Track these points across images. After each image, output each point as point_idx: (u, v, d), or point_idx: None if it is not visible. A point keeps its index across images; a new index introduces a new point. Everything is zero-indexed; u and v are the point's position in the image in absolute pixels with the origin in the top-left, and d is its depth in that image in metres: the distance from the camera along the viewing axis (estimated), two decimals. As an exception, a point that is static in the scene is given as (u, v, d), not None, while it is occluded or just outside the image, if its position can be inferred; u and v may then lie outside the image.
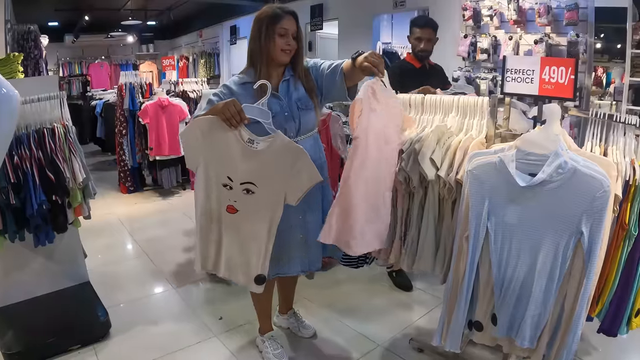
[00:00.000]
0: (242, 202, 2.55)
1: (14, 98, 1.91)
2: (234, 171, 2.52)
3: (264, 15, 2.68)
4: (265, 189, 2.51)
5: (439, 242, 2.77)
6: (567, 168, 1.98)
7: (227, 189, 2.55)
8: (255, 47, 2.70)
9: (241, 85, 2.70)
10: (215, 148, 2.51)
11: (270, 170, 2.48)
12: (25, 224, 3.25)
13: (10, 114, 1.90)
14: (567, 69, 2.57)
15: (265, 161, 2.47)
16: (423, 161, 2.55)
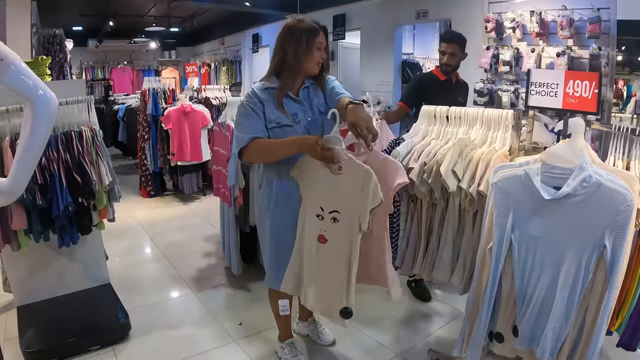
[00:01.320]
0: (330, 231, 2.58)
1: (51, 101, 1.94)
2: (325, 199, 2.58)
3: (302, 27, 2.69)
4: (346, 216, 2.54)
5: (458, 252, 2.79)
6: (592, 182, 1.99)
7: (319, 219, 2.60)
8: (290, 56, 2.70)
9: (264, 91, 2.74)
10: (314, 179, 2.59)
11: (348, 195, 2.51)
12: (50, 225, 3.30)
13: (48, 117, 1.93)
14: (591, 83, 2.59)
15: (343, 186, 2.50)
16: (445, 173, 2.57)
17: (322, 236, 2.60)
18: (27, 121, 1.89)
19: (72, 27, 12.65)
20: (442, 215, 2.79)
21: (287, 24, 2.77)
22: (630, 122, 5.17)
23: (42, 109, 1.89)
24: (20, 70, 1.85)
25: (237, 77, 12.70)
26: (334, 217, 2.55)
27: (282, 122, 2.70)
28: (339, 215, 2.54)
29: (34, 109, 1.87)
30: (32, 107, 1.87)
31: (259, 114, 2.68)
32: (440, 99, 3.90)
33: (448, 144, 2.77)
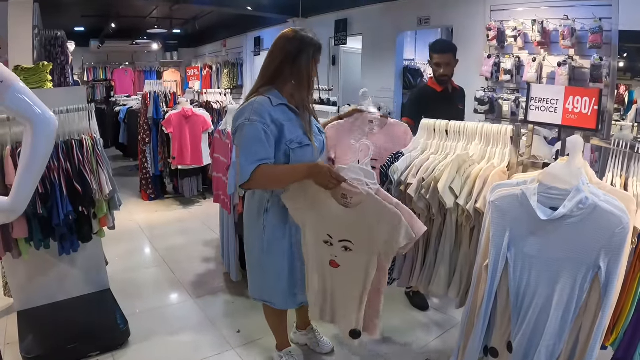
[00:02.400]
0: (342, 258, 2.61)
1: (51, 121, 1.96)
2: (332, 229, 2.59)
3: (309, 41, 2.66)
4: (361, 248, 2.55)
5: (455, 267, 2.81)
6: (588, 204, 2.00)
7: (328, 245, 2.62)
8: (299, 69, 2.64)
9: (277, 108, 2.61)
10: (314, 208, 2.58)
11: (364, 231, 2.52)
12: (51, 233, 3.32)
13: (48, 137, 1.95)
14: (591, 99, 2.60)
15: (357, 218, 2.51)
16: (443, 190, 2.58)
17: (333, 261, 2.64)
18: (28, 141, 1.91)
19: (74, 27, 12.64)
20: (439, 230, 2.81)
21: (285, 35, 2.70)
22: (630, 130, 5.18)
23: (42, 130, 1.90)
24: (21, 91, 1.87)
25: (238, 79, 12.70)
26: (345, 246, 2.58)
27: (304, 142, 2.65)
28: (351, 245, 2.57)
29: (34, 129, 1.89)
30: (33, 128, 1.89)
31: (270, 137, 2.54)
32: (441, 110, 3.94)
33: (447, 159, 2.78)
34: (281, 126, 2.57)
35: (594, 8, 5.25)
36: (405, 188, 2.76)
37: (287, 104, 2.66)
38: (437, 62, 4.26)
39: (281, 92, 2.68)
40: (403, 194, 2.81)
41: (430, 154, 2.91)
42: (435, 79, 4.35)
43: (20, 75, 3.87)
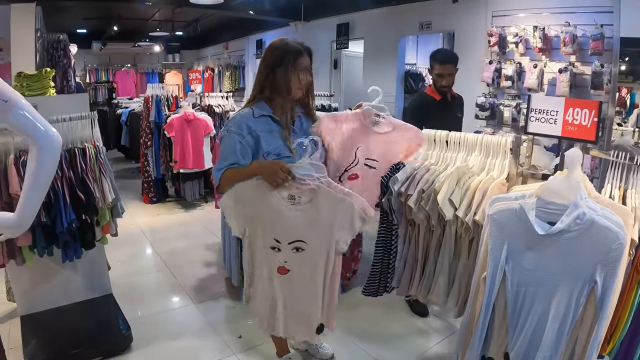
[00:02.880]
0: (292, 262, 2.61)
1: (55, 139, 1.98)
2: (280, 232, 2.58)
3: (286, 48, 2.69)
4: (315, 243, 2.57)
5: (454, 277, 2.83)
6: (585, 219, 2.03)
7: (276, 251, 2.61)
8: (274, 78, 2.69)
9: (258, 120, 2.68)
10: (258, 212, 2.57)
11: (318, 225, 2.54)
12: (54, 240, 3.34)
13: (53, 155, 1.98)
14: (591, 111, 2.62)
15: (311, 216, 2.53)
16: (442, 202, 2.61)
17: (282, 268, 2.63)
18: (33, 159, 1.94)
19: (76, 29, 12.65)
20: (438, 241, 2.83)
21: (271, 45, 2.77)
22: (631, 136, 5.19)
23: (46, 148, 1.93)
24: (25, 109, 1.89)
25: (240, 82, 12.71)
26: (296, 247, 2.59)
27: (283, 154, 2.70)
28: (304, 244, 2.58)
29: (38, 147, 1.92)
30: (37, 146, 1.92)
31: (246, 147, 2.63)
32: (440, 118, 3.97)
33: (447, 170, 2.80)
34: (257, 137, 2.64)
35: (595, 14, 5.26)
36: (405, 199, 2.78)
37: (272, 115, 2.71)
38: (440, 72, 4.27)
39: (269, 103, 2.74)
40: (403, 205, 2.83)
41: (431, 164, 2.93)
42: (435, 89, 4.37)
43: (23, 81, 3.90)
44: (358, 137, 3.00)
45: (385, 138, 3.01)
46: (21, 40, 7.00)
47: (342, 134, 2.99)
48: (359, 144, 3.00)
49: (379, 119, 3.01)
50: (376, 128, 3.01)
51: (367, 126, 3.01)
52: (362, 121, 3.01)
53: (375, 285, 3.11)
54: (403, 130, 3.02)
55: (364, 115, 3.00)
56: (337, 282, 2.69)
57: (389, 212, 2.89)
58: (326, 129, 2.97)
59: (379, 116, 3.01)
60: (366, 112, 3.00)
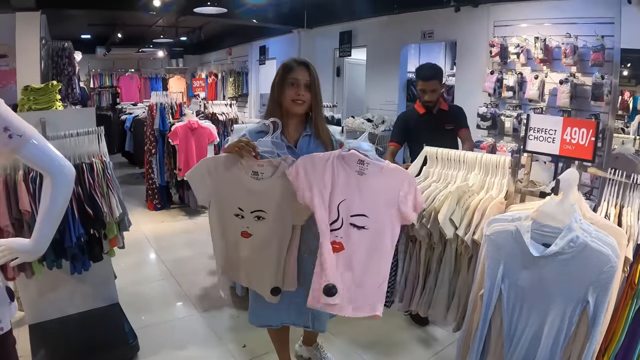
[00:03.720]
0: (254, 227, 2.70)
1: (68, 171, 2.02)
2: (243, 202, 2.68)
3: (281, 65, 2.77)
4: (274, 214, 2.66)
5: (453, 293, 2.90)
6: (579, 242, 2.10)
7: (239, 217, 2.70)
8: (270, 97, 2.80)
9: (256, 135, 2.74)
10: (223, 184, 2.67)
11: (277, 197, 2.64)
12: (63, 254, 3.39)
13: (67, 186, 2.03)
14: (588, 130, 2.68)
15: (271, 190, 2.63)
16: (443, 221, 2.67)
17: (245, 232, 2.72)
18: (47, 190, 2.00)
19: (80, 35, 12.74)
20: (439, 257, 2.90)
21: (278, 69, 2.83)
22: (632, 144, 5.22)
23: (61, 181, 2.00)
24: (39, 144, 1.95)
25: (243, 88, 12.78)
26: (257, 216, 2.68)
27: None
28: (264, 214, 2.67)
29: (53, 181, 1.98)
30: (52, 180, 1.98)
31: None
32: (424, 132, 4.06)
33: (447, 187, 2.87)
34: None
35: (596, 25, 5.32)
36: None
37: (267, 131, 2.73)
38: (422, 88, 4.35)
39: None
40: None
41: (432, 181, 2.99)
42: (420, 103, 4.45)
43: (30, 95, 3.96)
44: (340, 188, 2.50)
45: (373, 186, 2.51)
46: (26, 48, 7.07)
47: (323, 184, 2.50)
48: (341, 197, 2.50)
49: (363, 167, 2.49)
50: (361, 175, 2.50)
51: (351, 173, 2.50)
52: (344, 168, 2.52)
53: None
54: (393, 171, 2.54)
55: (346, 162, 2.51)
56: (294, 256, 2.75)
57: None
58: (303, 179, 2.51)
59: (363, 162, 2.49)
60: (348, 157, 2.50)
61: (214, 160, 2.69)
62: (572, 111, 5.52)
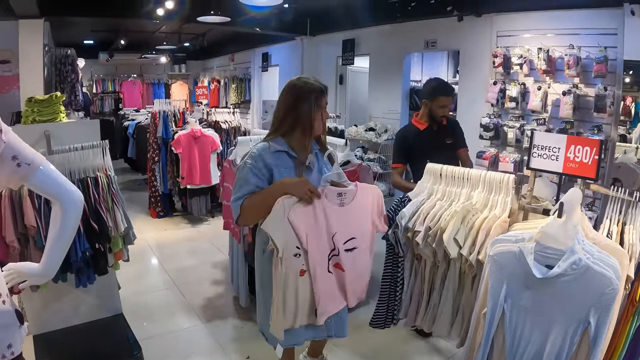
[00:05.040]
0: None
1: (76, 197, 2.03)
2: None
3: (310, 88, 2.77)
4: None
5: (457, 310, 2.92)
6: (581, 265, 2.13)
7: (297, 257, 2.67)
8: (298, 116, 2.76)
9: (274, 155, 2.73)
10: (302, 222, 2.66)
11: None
12: (68, 267, 3.41)
13: (75, 212, 2.05)
14: (592, 149, 2.69)
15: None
16: (447, 241, 2.69)
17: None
18: (57, 217, 2.02)
19: (83, 40, 12.76)
20: (444, 275, 2.91)
21: (291, 84, 2.83)
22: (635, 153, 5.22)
23: (70, 208, 2.01)
24: (47, 172, 1.96)
25: (246, 94, 12.77)
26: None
27: None
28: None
29: (63, 208, 2.00)
30: (61, 206, 2.00)
31: (260, 179, 2.69)
32: (425, 148, 4.07)
33: (452, 206, 2.87)
34: (271, 171, 2.70)
35: (599, 37, 5.31)
36: (412, 235, 2.86)
37: (288, 150, 2.76)
38: (444, 104, 4.29)
39: (288, 138, 2.80)
40: (410, 240, 2.91)
41: (437, 199, 3.00)
42: (432, 118, 4.36)
43: (34, 106, 3.97)
44: (330, 222, 2.68)
45: (354, 208, 2.76)
46: (29, 55, 7.07)
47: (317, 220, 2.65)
48: (334, 231, 2.70)
49: (342, 198, 2.71)
50: (343, 206, 2.72)
51: (336, 208, 2.69)
52: (328, 205, 2.67)
53: (383, 317, 3.19)
54: (364, 190, 2.81)
55: (329, 199, 2.67)
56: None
57: (395, 244, 2.96)
58: (299, 219, 2.61)
59: (342, 195, 2.71)
60: (330, 194, 2.68)
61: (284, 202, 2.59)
62: (575, 122, 5.53)
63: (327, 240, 2.68)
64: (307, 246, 2.60)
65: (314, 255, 2.64)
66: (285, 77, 10.65)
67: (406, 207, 2.94)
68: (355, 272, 2.82)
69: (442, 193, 3.04)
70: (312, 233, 2.62)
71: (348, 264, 2.75)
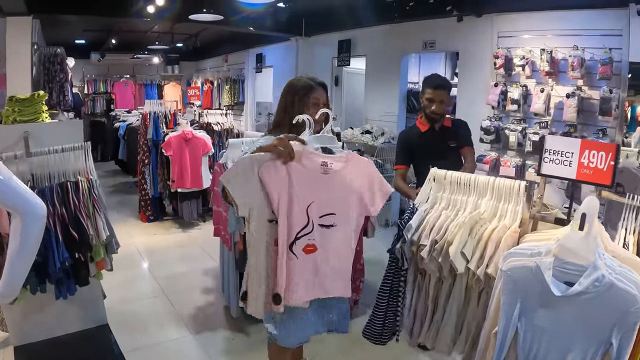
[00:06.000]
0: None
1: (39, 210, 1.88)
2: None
3: (298, 85, 2.79)
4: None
5: (461, 327, 2.72)
6: (604, 282, 1.94)
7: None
8: (283, 112, 2.82)
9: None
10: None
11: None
12: (47, 277, 3.25)
13: (38, 226, 1.89)
14: (607, 154, 2.51)
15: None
16: (454, 255, 2.50)
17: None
18: (17, 230, 1.85)
19: (75, 40, 12.64)
20: (449, 290, 2.72)
21: (288, 84, 2.88)
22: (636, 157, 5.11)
23: (32, 221, 1.85)
24: (8, 183, 1.80)
25: (239, 96, 12.63)
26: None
27: None
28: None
29: (23, 220, 1.82)
30: (22, 218, 1.82)
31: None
32: (426, 150, 3.95)
33: (458, 216, 2.69)
34: None
35: (603, 38, 5.21)
36: (417, 249, 2.68)
37: None
38: (430, 97, 4.06)
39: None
40: (415, 254, 2.72)
41: (442, 209, 2.81)
42: (425, 116, 4.18)
43: (14, 106, 3.82)
44: (306, 188, 2.37)
45: (338, 179, 2.45)
46: (17, 53, 6.99)
47: (291, 184, 2.35)
48: (310, 200, 2.39)
49: (327, 167, 2.41)
50: (325, 169, 2.42)
51: (316, 175, 2.40)
52: (307, 170, 2.38)
53: (379, 328, 2.99)
54: (358, 161, 2.54)
55: (310, 163, 2.38)
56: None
57: (400, 258, 2.77)
58: (270, 177, 2.31)
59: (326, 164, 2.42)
60: (310, 155, 2.40)
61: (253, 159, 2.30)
62: (579, 126, 5.41)
63: (299, 211, 2.36)
64: (278, 211, 2.31)
65: (283, 226, 2.33)
66: (279, 78, 10.59)
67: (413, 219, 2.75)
68: (331, 254, 2.49)
69: (447, 201, 2.84)
70: (284, 196, 2.32)
71: (322, 242, 2.44)
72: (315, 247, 2.43)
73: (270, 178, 2.29)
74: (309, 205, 2.39)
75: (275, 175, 2.30)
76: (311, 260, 2.43)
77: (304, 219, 2.38)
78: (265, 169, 2.28)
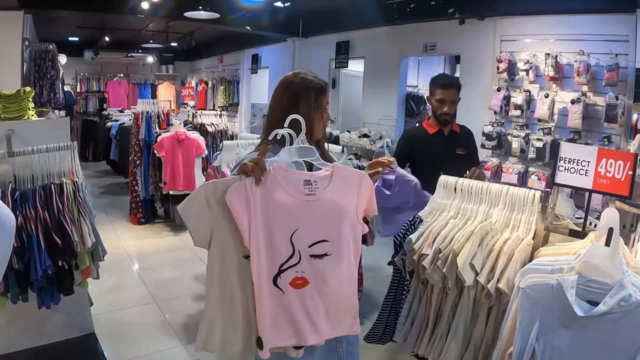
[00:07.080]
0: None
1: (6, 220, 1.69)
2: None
3: (308, 85, 2.36)
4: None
5: (468, 343, 2.56)
6: (631, 301, 1.80)
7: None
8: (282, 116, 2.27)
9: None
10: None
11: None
12: (29, 286, 3.10)
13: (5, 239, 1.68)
14: (625, 163, 2.37)
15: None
16: (462, 266, 2.33)
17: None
18: None
19: (68, 37, 12.50)
20: (454, 302, 2.56)
21: (287, 80, 2.42)
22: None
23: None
24: None
25: (234, 97, 12.51)
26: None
27: None
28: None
29: None
30: None
31: None
32: (431, 155, 3.77)
33: (466, 225, 2.53)
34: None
35: (610, 43, 5.13)
36: (418, 257, 2.51)
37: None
38: (441, 98, 3.85)
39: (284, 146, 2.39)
40: (416, 263, 2.56)
41: (450, 217, 2.65)
42: (435, 118, 3.97)
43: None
44: (287, 214, 2.00)
45: (327, 199, 2.05)
46: (7, 49, 6.91)
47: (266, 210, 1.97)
48: (293, 227, 1.99)
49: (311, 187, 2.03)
50: (310, 189, 2.03)
51: (299, 198, 2.01)
52: (289, 193, 1.99)
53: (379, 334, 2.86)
54: (342, 171, 2.10)
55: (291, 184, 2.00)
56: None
57: (402, 269, 2.62)
58: (239, 204, 1.92)
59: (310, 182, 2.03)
60: (287, 175, 2.00)
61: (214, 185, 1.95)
62: (583, 132, 5.32)
63: (281, 240, 1.97)
64: (249, 242, 1.92)
65: (255, 261, 1.94)
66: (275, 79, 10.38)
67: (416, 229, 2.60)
68: (329, 288, 2.07)
69: (455, 210, 2.69)
70: (260, 224, 1.94)
71: (314, 274, 2.03)
72: (307, 281, 2.03)
73: (239, 202, 1.91)
74: (293, 233, 1.99)
75: (244, 198, 1.92)
76: (302, 296, 2.04)
77: (289, 248, 1.98)
78: (233, 190, 1.91)
